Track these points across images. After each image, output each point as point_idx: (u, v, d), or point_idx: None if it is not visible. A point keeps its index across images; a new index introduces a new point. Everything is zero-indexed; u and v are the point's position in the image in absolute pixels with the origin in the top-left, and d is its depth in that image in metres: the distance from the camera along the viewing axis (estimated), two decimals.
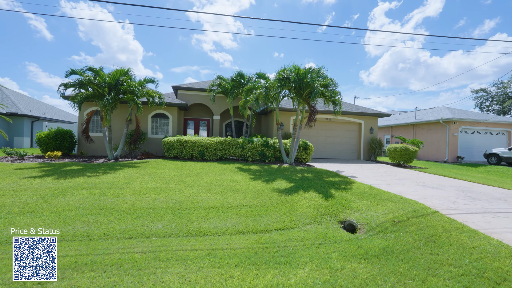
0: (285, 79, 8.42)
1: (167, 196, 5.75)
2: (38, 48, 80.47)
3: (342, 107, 14.37)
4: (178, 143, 10.34)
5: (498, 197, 6.16)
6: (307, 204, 5.54)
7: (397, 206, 5.00)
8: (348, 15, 68.72)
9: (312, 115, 8.59)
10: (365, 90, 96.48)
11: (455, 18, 65.62)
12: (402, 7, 68.78)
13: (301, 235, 4.11)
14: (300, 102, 9.03)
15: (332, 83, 8.58)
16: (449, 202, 5.36)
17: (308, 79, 8.15)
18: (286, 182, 7.20)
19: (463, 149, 16.54)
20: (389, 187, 6.86)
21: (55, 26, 69.98)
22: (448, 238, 3.54)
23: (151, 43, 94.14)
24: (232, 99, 12.20)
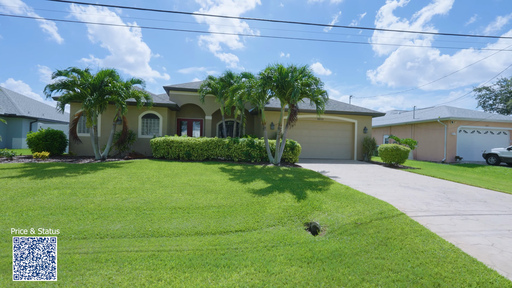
0: (267, 78, 8.33)
1: (137, 196, 5.75)
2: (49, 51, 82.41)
3: (335, 106, 14.21)
4: (165, 144, 10.37)
5: (479, 198, 5.93)
6: (277, 205, 5.45)
7: (366, 208, 4.86)
8: (355, 14, 67.85)
9: (293, 114, 8.47)
10: (372, 89, 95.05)
11: (465, 15, 63.97)
12: (410, 5, 67.49)
13: (258, 237, 4.03)
14: (283, 102, 8.92)
15: (315, 82, 8.44)
16: (423, 204, 5.18)
17: (288, 78, 8.03)
18: (264, 183, 7.11)
19: (462, 149, 16.09)
20: (368, 188, 6.69)
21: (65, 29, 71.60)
22: (402, 241, 3.40)
23: (158, 45, 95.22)
24: (222, 99, 12.18)
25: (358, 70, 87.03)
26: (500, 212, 4.81)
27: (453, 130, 15.72)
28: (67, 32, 72.51)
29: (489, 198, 6.02)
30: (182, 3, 65.13)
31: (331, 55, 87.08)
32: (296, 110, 8.48)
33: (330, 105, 14.71)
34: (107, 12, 78.02)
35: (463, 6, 64.74)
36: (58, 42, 76.54)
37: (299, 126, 13.92)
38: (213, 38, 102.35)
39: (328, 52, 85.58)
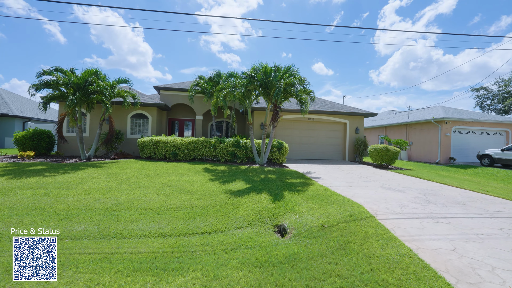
0: (250, 78, 8.23)
1: (111, 197, 5.68)
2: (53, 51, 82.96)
3: (326, 106, 14.08)
4: (151, 144, 10.31)
5: (460, 200, 5.80)
6: (251, 206, 5.36)
7: (338, 210, 4.75)
8: (358, 14, 67.41)
9: (276, 114, 8.36)
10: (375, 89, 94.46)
11: (469, 14, 63.34)
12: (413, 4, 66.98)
13: (221, 240, 3.94)
14: (268, 101, 8.82)
15: (299, 82, 8.33)
16: (398, 206, 5.07)
17: (271, 78, 7.94)
18: (243, 184, 7.02)
19: (456, 150, 15.89)
20: (349, 189, 6.58)
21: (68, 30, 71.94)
22: (361, 245, 3.30)
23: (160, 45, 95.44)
24: (211, 99, 12.10)
25: (360, 70, 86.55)
26: (476, 215, 4.68)
27: (447, 130, 15.53)
28: (70, 33, 72.94)
29: (470, 200, 5.89)
30: (184, 3, 65.21)
31: (333, 55, 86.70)
32: (279, 110, 8.38)
33: (322, 105, 14.59)
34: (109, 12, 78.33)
35: (467, 5, 64.14)
36: (61, 42, 77.03)
37: (290, 126, 13.82)
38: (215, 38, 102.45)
39: (330, 52, 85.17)
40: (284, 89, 8.35)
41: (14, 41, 75.34)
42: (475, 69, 69.27)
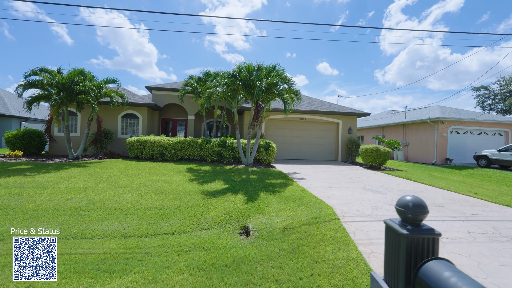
0: (233, 77, 8.15)
1: (84, 197, 5.67)
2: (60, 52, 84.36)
3: (319, 106, 13.93)
4: (138, 143, 10.32)
5: (439, 202, 5.63)
6: (223, 207, 5.29)
7: (306, 212, 4.65)
8: (362, 13, 66.70)
9: (258, 113, 8.27)
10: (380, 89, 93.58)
11: (477, 12, 62.15)
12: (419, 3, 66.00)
13: (180, 241, 3.88)
14: (252, 101, 8.74)
15: (282, 81, 8.22)
16: (371, 208, 4.93)
17: (253, 77, 7.85)
18: (222, 184, 6.96)
19: (453, 150, 15.56)
20: (327, 190, 6.46)
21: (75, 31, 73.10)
22: (313, 249, 3.20)
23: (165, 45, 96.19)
24: (200, 99, 12.07)
25: (365, 69, 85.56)
26: (449, 218, 4.52)
27: (443, 130, 15.22)
28: (77, 34, 74.04)
29: (450, 202, 5.71)
30: (189, 4, 65.57)
31: (338, 55, 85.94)
32: (262, 110, 8.27)
33: (314, 105, 14.43)
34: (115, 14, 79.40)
35: (476, 3, 62.90)
36: (68, 43, 78.23)
37: (281, 126, 13.71)
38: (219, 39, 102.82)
39: (335, 52, 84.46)
40: (267, 88, 8.25)
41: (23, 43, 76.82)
42: (483, 68, 67.95)
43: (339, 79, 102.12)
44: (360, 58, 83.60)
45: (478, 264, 2.86)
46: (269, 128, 13.51)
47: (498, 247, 3.34)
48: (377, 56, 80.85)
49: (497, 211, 5.14)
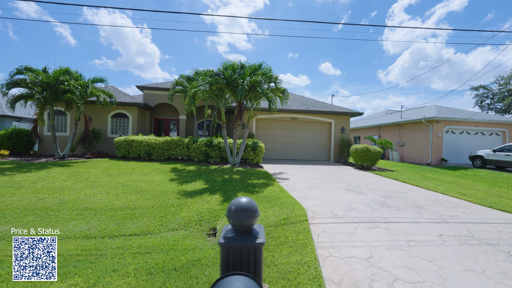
0: (215, 76, 8.04)
1: (57, 197, 5.59)
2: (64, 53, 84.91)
3: (311, 105, 13.79)
4: (125, 143, 10.25)
5: (420, 204, 5.46)
6: (197, 207, 5.18)
7: (277, 213, 4.52)
8: (365, 13, 66.17)
9: (240, 112, 8.13)
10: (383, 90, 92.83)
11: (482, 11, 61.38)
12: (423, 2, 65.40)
13: (141, 243, 3.76)
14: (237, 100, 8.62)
15: (268, 80, 8.08)
16: (345, 210, 4.79)
17: (235, 76, 7.72)
18: (202, 184, 6.85)
19: (449, 150, 15.31)
20: (308, 190, 6.32)
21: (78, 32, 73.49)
22: (270, 251, 3.07)
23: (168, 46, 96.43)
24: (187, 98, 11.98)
25: (368, 70, 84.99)
26: (424, 220, 4.37)
27: (439, 130, 14.98)
28: (80, 35, 74.55)
29: (432, 203, 5.55)
30: (191, 4, 65.71)
31: (341, 55, 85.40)
32: (244, 109, 8.12)
33: (306, 104, 14.28)
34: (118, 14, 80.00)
35: (480, 2, 62.18)
36: (71, 44, 78.74)
37: (273, 126, 13.57)
38: (222, 39, 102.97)
39: (337, 52, 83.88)
40: (251, 87, 8.13)
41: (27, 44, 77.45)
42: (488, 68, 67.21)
43: (342, 79, 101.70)
44: (362, 58, 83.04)
45: (438, 269, 2.71)
46: (260, 128, 13.39)
47: (466, 251, 3.19)
48: (380, 56, 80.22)
49: (478, 213, 4.97)
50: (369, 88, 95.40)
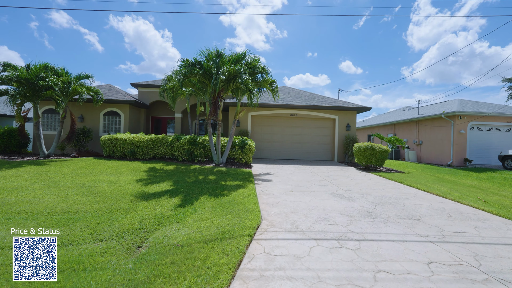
0: (191, 66, 7.29)
1: (0, 198, 5.13)
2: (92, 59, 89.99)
3: (311, 100, 12.67)
4: (109, 141, 9.85)
5: (419, 214, 4.30)
6: (145, 213, 4.47)
7: (224, 222, 3.66)
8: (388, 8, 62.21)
9: (215, 106, 7.28)
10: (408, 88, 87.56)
11: None
12: None
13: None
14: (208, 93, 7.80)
15: (252, 71, 7.19)
16: (312, 221, 3.80)
17: (210, 65, 6.92)
18: (169, 185, 6.14)
19: (474, 150, 13.39)
20: (282, 195, 5.37)
21: (105, 39, 77.34)
22: (169, 280, 2.22)
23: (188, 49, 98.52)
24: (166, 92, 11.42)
25: (391, 67, 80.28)
26: (415, 238, 3.27)
27: (462, 127, 13.14)
28: (106, 41, 78.49)
29: (435, 214, 4.36)
30: (210, 7, 66.51)
31: (362, 53, 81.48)
32: (218, 102, 7.27)
33: (306, 99, 13.15)
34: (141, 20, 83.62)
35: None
36: (99, 51, 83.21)
37: (270, 123, 12.62)
38: (240, 41, 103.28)
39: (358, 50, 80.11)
40: (231, 77, 7.28)
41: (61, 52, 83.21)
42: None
43: (364, 77, 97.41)
44: (385, 56, 78.52)
45: None
46: (256, 125, 12.50)
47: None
48: (404, 53, 75.18)
49: (496, 229, 3.74)
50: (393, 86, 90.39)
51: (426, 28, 77.67)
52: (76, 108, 12.15)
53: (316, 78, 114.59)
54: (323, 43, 77.14)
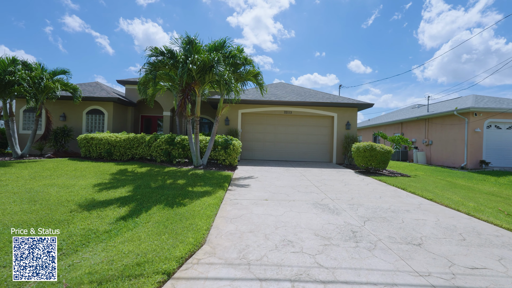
0: (161, 55, 6.41)
1: None
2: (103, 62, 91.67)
3: (307, 96, 11.66)
4: (85, 141, 9.15)
5: (419, 235, 3.26)
6: (76, 228, 3.63)
7: (154, 247, 2.75)
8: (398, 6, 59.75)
9: (184, 100, 6.36)
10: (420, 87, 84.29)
11: None
12: None
13: None
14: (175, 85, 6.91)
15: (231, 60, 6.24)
16: (271, 246, 2.84)
17: (178, 53, 6.03)
18: (127, 192, 5.29)
19: (492, 150, 11.99)
20: (252, 206, 4.41)
21: (115, 42, 78.58)
22: None
23: None
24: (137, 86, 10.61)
25: (401, 66, 77.33)
26: (412, 280, 2.26)
27: (477, 125, 11.79)
28: (117, 44, 79.77)
29: (443, 235, 3.30)
30: (217, 9, 66.24)
31: (371, 52, 78.91)
32: (186, 97, 6.32)
33: (302, 95, 12.10)
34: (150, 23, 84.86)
35: None
36: (110, 54, 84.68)
37: (262, 121, 11.65)
38: (247, 41, 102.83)
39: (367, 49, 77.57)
40: (207, 68, 6.37)
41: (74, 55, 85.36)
42: None
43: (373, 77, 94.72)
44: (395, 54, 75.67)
45: None
46: (247, 124, 11.56)
47: None
48: (415, 51, 72.07)
49: None
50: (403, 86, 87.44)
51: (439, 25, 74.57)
52: (58, 106, 11.56)
53: (325, 78, 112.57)
54: (331, 42, 75.28)
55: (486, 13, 53.30)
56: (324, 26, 63.31)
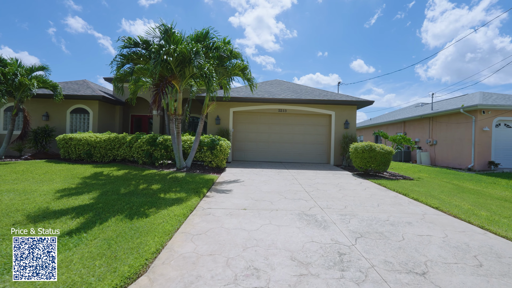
0: (134, 46, 5.80)
1: None
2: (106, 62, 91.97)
3: (303, 93, 11.02)
4: (63, 142, 8.58)
5: (424, 259, 2.59)
6: (5, 248, 2.99)
7: (75, 279, 2.11)
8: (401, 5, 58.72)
9: (157, 95, 5.72)
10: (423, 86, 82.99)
11: None
12: None
13: None
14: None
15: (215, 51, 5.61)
16: (230, 277, 2.19)
17: (151, 44, 5.40)
18: (91, 199, 4.68)
19: (501, 151, 11.23)
20: (226, 218, 3.77)
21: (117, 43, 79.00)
22: None
23: None
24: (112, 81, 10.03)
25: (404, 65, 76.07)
26: None
27: (485, 123, 11.03)
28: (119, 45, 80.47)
29: (453, 257, 2.63)
30: (219, 9, 65.74)
31: (374, 51, 77.90)
32: (161, 91, 5.67)
33: (297, 92, 11.43)
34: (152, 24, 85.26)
35: None
36: (112, 54, 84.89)
37: (255, 120, 11.00)
38: (249, 41, 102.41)
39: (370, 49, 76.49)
40: (187, 61, 5.74)
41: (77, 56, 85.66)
42: None
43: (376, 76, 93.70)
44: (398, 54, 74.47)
45: None
46: (239, 123, 10.92)
47: None
48: (419, 50, 70.77)
49: None
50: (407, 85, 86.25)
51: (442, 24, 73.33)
52: (41, 105, 11.03)
53: (327, 78, 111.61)
54: (334, 42, 74.43)
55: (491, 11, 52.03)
56: (326, 26, 62.57)
